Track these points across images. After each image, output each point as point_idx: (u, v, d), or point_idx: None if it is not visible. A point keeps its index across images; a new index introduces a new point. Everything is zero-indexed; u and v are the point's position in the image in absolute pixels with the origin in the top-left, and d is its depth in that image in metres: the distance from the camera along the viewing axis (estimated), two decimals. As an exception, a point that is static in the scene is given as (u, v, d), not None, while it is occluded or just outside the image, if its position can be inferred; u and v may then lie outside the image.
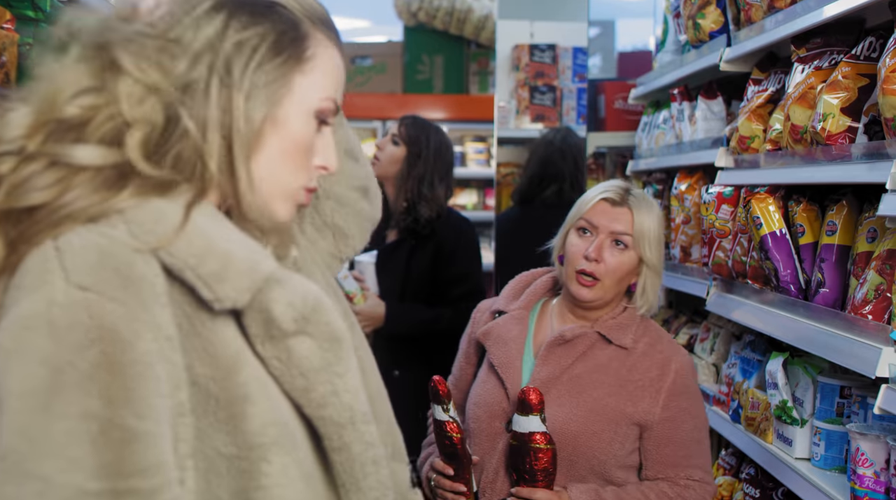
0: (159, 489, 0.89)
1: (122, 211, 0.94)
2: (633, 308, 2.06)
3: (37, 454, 0.85)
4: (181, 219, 0.95)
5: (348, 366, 1.03)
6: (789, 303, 2.25)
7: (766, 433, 2.42)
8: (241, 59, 0.99)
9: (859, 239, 2.05)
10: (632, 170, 3.93)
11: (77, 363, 0.86)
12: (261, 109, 1.00)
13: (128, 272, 0.91)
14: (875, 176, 1.82)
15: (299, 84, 1.04)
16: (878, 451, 1.91)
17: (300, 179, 1.06)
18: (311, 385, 1.00)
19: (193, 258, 0.94)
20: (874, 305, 1.91)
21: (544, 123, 4.67)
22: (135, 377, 0.88)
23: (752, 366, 2.63)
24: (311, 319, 1.00)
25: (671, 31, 3.59)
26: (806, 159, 2.17)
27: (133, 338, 0.89)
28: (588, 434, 1.92)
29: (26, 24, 1.88)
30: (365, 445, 1.03)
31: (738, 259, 2.61)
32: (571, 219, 2.07)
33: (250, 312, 0.98)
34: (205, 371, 0.95)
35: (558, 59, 4.75)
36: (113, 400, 0.87)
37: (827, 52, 2.22)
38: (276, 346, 0.99)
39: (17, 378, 0.86)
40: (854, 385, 2.16)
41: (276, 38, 1.01)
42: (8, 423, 0.86)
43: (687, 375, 2.00)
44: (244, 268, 0.97)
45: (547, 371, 1.98)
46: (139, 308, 0.90)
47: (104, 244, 0.92)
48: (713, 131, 3.02)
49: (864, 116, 2.01)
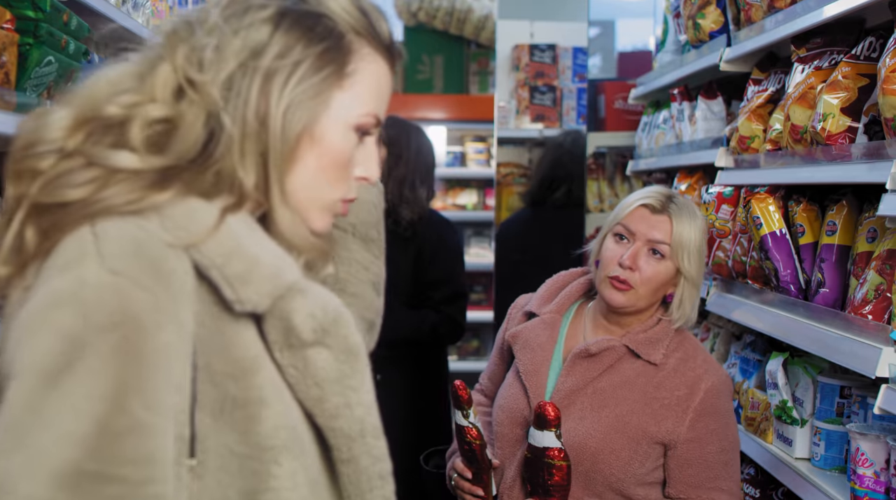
0: (148, 482, 0.88)
1: (159, 208, 0.96)
2: (667, 321, 1.97)
3: (39, 427, 0.85)
4: (215, 220, 0.97)
5: (363, 380, 1.04)
6: (789, 303, 2.25)
7: (766, 433, 2.42)
8: (282, 75, 1.00)
9: (859, 239, 2.05)
10: (632, 170, 3.93)
11: (97, 345, 0.87)
12: (297, 125, 1.00)
13: (160, 265, 0.92)
14: (875, 176, 1.82)
15: (338, 99, 1.04)
16: (878, 451, 1.91)
17: (337, 192, 1.07)
18: (325, 396, 1.01)
19: (220, 258, 0.95)
20: (874, 305, 1.91)
21: (544, 123, 4.68)
22: (150, 367, 0.89)
23: (751, 366, 2.63)
24: (330, 331, 1.01)
25: (671, 31, 3.59)
26: (806, 159, 2.17)
27: (156, 328, 0.89)
28: (607, 452, 1.86)
29: (26, 23, 1.88)
30: (373, 459, 1.04)
31: (738, 259, 2.61)
32: (610, 223, 2.00)
33: (271, 318, 0.98)
34: (224, 370, 0.96)
35: (558, 59, 4.75)
36: (125, 386, 0.87)
37: (827, 53, 2.22)
38: (293, 354, 0.99)
39: (35, 352, 0.87)
40: (854, 385, 2.16)
41: (319, 54, 1.02)
42: (16, 395, 0.86)
43: (718, 395, 1.91)
44: (268, 273, 0.97)
45: (571, 383, 1.92)
46: (167, 300, 0.91)
47: (140, 235, 0.93)
48: (713, 131, 3.02)
49: (864, 116, 2.01)
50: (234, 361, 0.96)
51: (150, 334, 0.89)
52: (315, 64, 1.01)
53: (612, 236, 1.97)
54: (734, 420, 1.96)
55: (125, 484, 0.87)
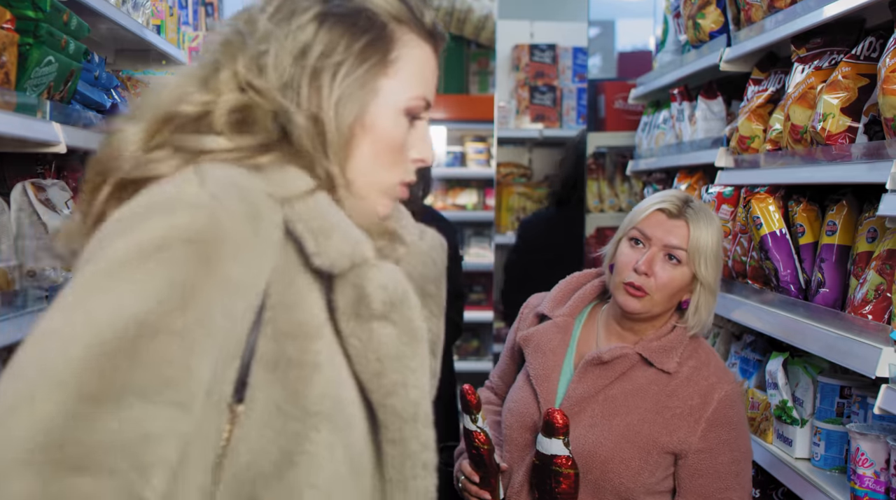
0: (175, 384, 0.88)
1: (260, 167, 1.00)
2: (682, 328, 1.93)
3: (98, 298, 0.88)
4: (310, 185, 1.02)
5: (422, 364, 1.05)
6: (789, 303, 2.25)
7: (767, 433, 2.42)
8: (329, 71, 1.03)
9: (859, 239, 2.05)
10: (632, 170, 3.93)
11: (175, 250, 0.90)
12: (349, 116, 1.04)
13: (256, 209, 0.97)
14: (875, 176, 1.82)
15: (385, 87, 1.07)
16: (878, 451, 1.91)
17: (395, 176, 1.11)
18: (384, 371, 1.02)
19: (308, 214, 1.00)
20: (874, 305, 1.91)
21: (544, 123, 4.68)
22: (217, 290, 0.92)
23: (751, 366, 2.63)
24: (397, 306, 1.03)
25: (671, 31, 3.59)
26: (806, 159, 2.17)
27: (232, 260, 0.93)
28: (617, 461, 1.84)
29: (26, 23, 1.88)
30: (421, 446, 1.04)
31: (738, 259, 2.61)
32: (625, 227, 1.95)
33: (343, 284, 1.01)
34: (287, 330, 0.98)
35: (558, 59, 4.76)
36: (187, 295, 0.89)
37: (827, 52, 2.22)
38: (360, 325, 1.02)
39: (115, 247, 0.90)
40: (854, 385, 2.16)
41: (363, 47, 1.05)
42: (83, 274, 0.90)
43: (731, 405, 1.88)
44: (350, 238, 1.02)
45: (582, 390, 1.90)
46: (252, 242, 0.95)
47: (240, 180, 0.98)
48: (713, 131, 3.02)
49: (864, 116, 2.01)
50: (298, 323, 0.99)
51: (227, 262, 0.92)
52: (360, 56, 1.05)
53: (627, 241, 1.93)
54: (746, 430, 1.93)
55: (154, 379, 0.87)
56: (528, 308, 2.11)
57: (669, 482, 1.88)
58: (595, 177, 4.68)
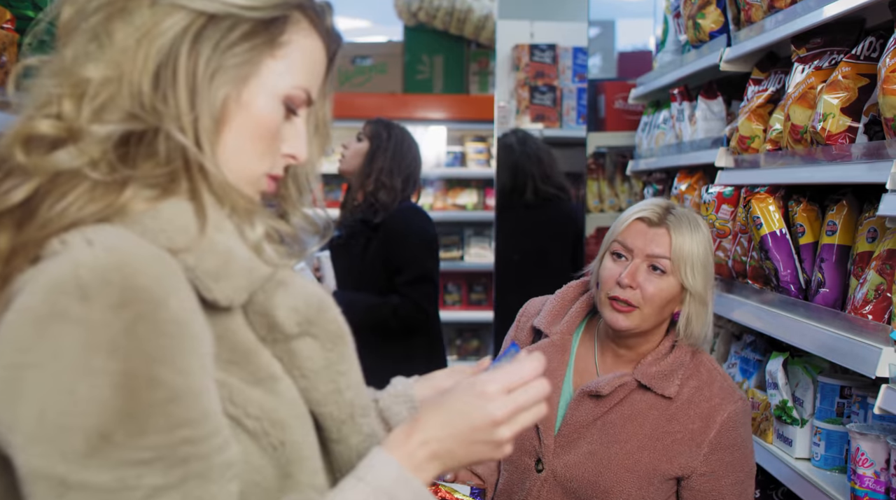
0: (212, 435, 0.88)
1: (135, 217, 0.93)
2: (682, 346, 1.86)
3: (81, 411, 0.83)
4: (193, 230, 0.94)
5: (351, 362, 1.05)
6: (789, 303, 2.25)
7: (767, 433, 2.42)
8: (211, 41, 0.97)
9: (859, 239, 2.05)
10: (632, 170, 3.93)
11: (113, 323, 0.84)
12: (223, 89, 0.98)
13: (154, 249, 0.90)
14: (875, 176, 1.81)
15: (269, 67, 1.01)
16: (878, 451, 1.90)
17: (264, 165, 1.04)
18: (312, 386, 1.02)
19: (194, 260, 0.93)
20: (874, 305, 1.91)
21: (544, 123, 4.67)
22: (172, 335, 0.87)
23: (752, 366, 2.63)
24: (314, 320, 1.01)
25: (671, 31, 3.59)
26: (806, 159, 2.17)
27: (165, 296, 0.87)
28: (617, 492, 1.79)
29: (26, 23, 1.88)
30: (363, 436, 1.06)
31: (739, 259, 2.61)
32: (607, 241, 1.89)
33: (253, 314, 0.99)
34: (229, 358, 0.95)
35: (558, 59, 4.75)
36: (152, 358, 0.85)
37: (827, 52, 2.22)
38: (279, 346, 1.00)
39: (53, 340, 0.84)
40: (854, 385, 2.16)
41: (253, 21, 0.99)
42: (47, 384, 0.84)
43: (735, 426, 1.82)
44: (243, 267, 0.97)
45: (580, 416, 1.84)
46: (168, 272, 0.89)
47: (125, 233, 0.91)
48: (713, 131, 3.02)
49: (865, 116, 2.01)
50: (234, 345, 0.96)
51: (162, 302, 0.87)
52: (248, 31, 0.99)
53: (609, 256, 1.86)
54: (751, 448, 1.86)
55: (191, 443, 0.87)
56: (524, 316, 2.05)
57: None
58: (595, 177, 4.68)
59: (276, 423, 0.97)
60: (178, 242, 0.93)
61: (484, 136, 6.04)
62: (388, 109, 5.58)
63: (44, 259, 0.89)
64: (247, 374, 0.96)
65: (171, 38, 0.95)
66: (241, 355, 0.97)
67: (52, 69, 0.97)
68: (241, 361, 0.96)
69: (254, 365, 0.97)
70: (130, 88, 0.94)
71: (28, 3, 1.90)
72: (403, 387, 1.27)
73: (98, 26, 0.96)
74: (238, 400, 0.95)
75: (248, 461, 0.95)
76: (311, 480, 0.99)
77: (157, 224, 0.93)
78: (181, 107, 0.95)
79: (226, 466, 0.89)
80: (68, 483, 0.83)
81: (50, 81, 0.96)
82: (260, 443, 0.96)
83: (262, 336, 0.99)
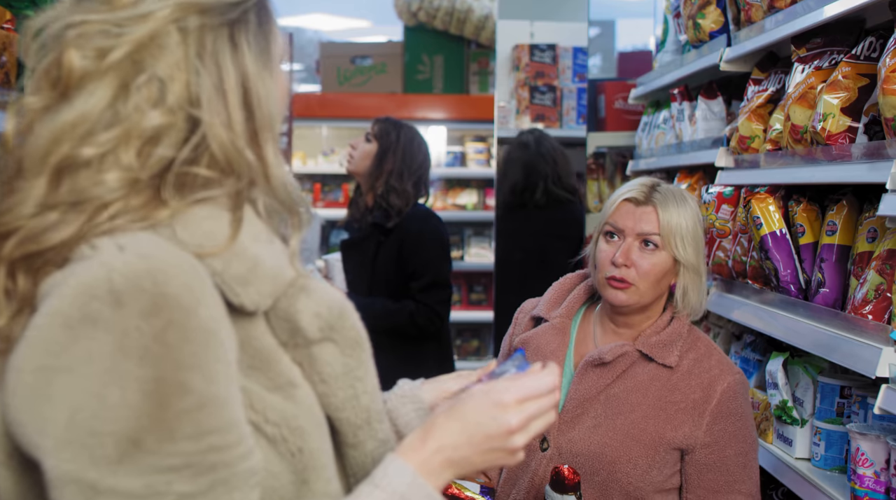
0: (237, 443, 0.89)
1: (164, 221, 0.93)
2: (679, 318, 1.92)
3: (112, 417, 0.83)
4: (224, 235, 0.94)
5: (368, 368, 1.06)
6: (789, 303, 2.25)
7: (767, 434, 2.42)
8: (246, 37, 0.98)
9: (859, 239, 2.05)
10: (632, 170, 3.93)
11: (144, 330, 0.84)
12: (270, 80, 0.99)
13: (184, 256, 0.91)
14: (875, 176, 1.82)
15: (276, 44, 1.03)
16: (878, 451, 1.90)
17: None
18: (330, 391, 1.02)
19: (222, 265, 0.93)
20: (874, 305, 1.91)
21: (544, 123, 4.67)
22: (201, 343, 0.87)
23: (752, 366, 2.63)
24: (336, 326, 1.02)
25: (671, 31, 3.59)
26: (806, 159, 2.17)
27: (195, 305, 0.87)
28: (624, 461, 1.82)
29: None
30: (378, 442, 1.07)
31: (739, 259, 2.61)
32: (598, 224, 1.96)
33: (276, 319, 0.99)
34: (250, 363, 0.96)
35: (558, 59, 4.75)
36: (182, 365, 0.86)
37: (827, 52, 2.22)
38: (300, 351, 1.01)
39: (85, 344, 0.84)
40: (854, 385, 2.16)
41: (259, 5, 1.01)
42: (78, 388, 0.84)
43: (734, 397, 1.86)
44: (269, 273, 0.97)
45: (583, 390, 1.88)
46: (198, 281, 0.89)
47: (156, 239, 0.91)
48: (713, 131, 3.02)
49: (865, 116, 2.01)
50: (255, 352, 0.97)
51: (192, 310, 0.87)
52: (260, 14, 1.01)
53: (602, 237, 1.93)
54: (752, 420, 1.91)
55: (218, 451, 0.87)
56: (522, 313, 2.10)
57: (677, 479, 1.87)
58: (595, 177, 4.68)
59: (294, 430, 0.97)
60: (207, 247, 0.93)
61: (484, 136, 6.04)
62: (388, 109, 5.58)
63: (73, 263, 0.89)
64: (267, 380, 0.97)
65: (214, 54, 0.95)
66: (261, 360, 0.97)
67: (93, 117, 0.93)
68: (261, 367, 0.97)
69: (274, 371, 0.97)
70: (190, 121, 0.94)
71: (28, 3, 1.90)
72: (411, 388, 1.28)
73: (129, 67, 0.93)
74: (258, 406, 0.95)
75: (266, 468, 0.95)
76: (325, 488, 1.00)
77: (186, 230, 0.93)
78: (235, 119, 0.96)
79: (250, 473, 0.90)
80: (98, 489, 0.83)
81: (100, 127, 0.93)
82: (278, 449, 0.96)
83: (284, 341, 1.00)
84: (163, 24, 0.94)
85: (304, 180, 6.25)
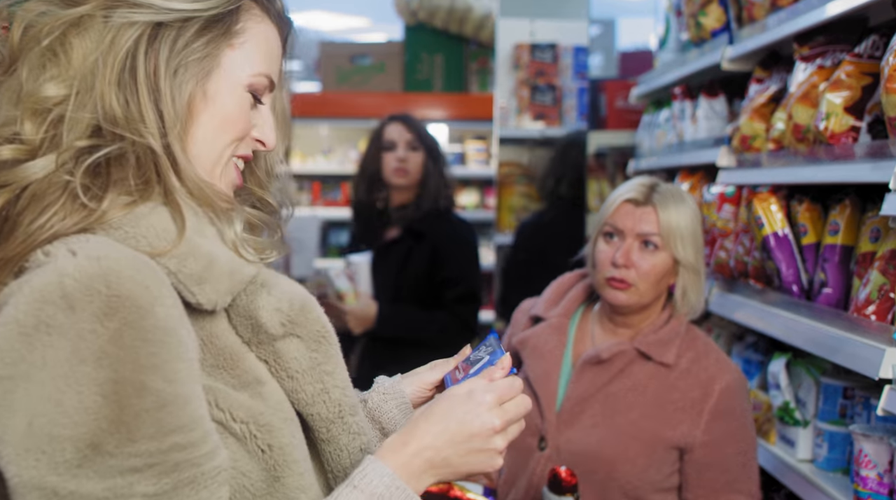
0: (202, 441, 0.89)
1: (114, 224, 0.93)
2: (678, 317, 1.92)
3: (70, 421, 0.84)
4: (176, 230, 0.95)
5: (336, 362, 1.07)
6: (792, 303, 2.24)
7: (769, 435, 2.41)
8: (168, 43, 0.97)
9: (862, 239, 2.04)
10: (633, 169, 3.91)
11: (100, 332, 0.85)
12: (187, 86, 0.98)
13: (139, 256, 0.91)
14: (878, 175, 1.81)
15: (229, 58, 1.02)
16: (881, 452, 1.89)
17: (232, 150, 1.05)
18: (298, 387, 1.03)
19: (177, 264, 0.94)
20: (877, 305, 1.90)
21: (545, 123, 4.67)
22: (159, 342, 0.87)
23: (753, 367, 2.62)
24: (298, 321, 1.02)
25: (673, 30, 3.58)
26: (808, 159, 2.16)
27: (151, 304, 0.88)
28: (623, 460, 1.82)
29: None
30: (352, 435, 1.07)
31: (740, 259, 2.60)
32: (597, 224, 1.96)
33: (237, 317, 1.00)
34: (214, 362, 0.97)
35: (559, 57, 4.74)
36: (140, 366, 0.86)
37: (830, 51, 2.21)
38: (264, 348, 1.01)
39: (40, 351, 0.84)
40: (857, 386, 2.15)
41: (208, 14, 1.00)
42: (35, 395, 0.84)
43: (733, 395, 1.87)
44: (225, 270, 0.97)
45: (581, 389, 1.88)
46: (154, 280, 0.89)
47: (108, 241, 0.91)
48: (715, 130, 3.01)
49: (868, 115, 2.00)
50: (219, 351, 0.97)
51: (148, 310, 0.87)
52: (203, 24, 1.00)
53: (602, 237, 1.93)
54: (751, 419, 1.91)
55: (181, 449, 0.87)
56: (520, 312, 2.10)
57: (676, 479, 1.86)
58: (596, 176, 4.66)
59: (262, 427, 0.97)
60: (158, 246, 0.93)
61: (484, 135, 6.03)
62: (388, 108, 5.56)
63: (28, 271, 0.89)
64: (232, 378, 0.97)
65: (129, 47, 0.95)
66: (226, 359, 0.97)
67: (8, 90, 0.95)
68: (226, 365, 0.97)
69: (239, 369, 0.98)
70: (93, 101, 0.94)
71: (25, 1, 1.89)
72: (391, 385, 1.28)
73: (54, 45, 0.95)
74: (224, 404, 0.95)
75: (235, 466, 0.95)
76: (298, 482, 1.00)
77: (136, 230, 0.93)
78: (145, 111, 0.96)
79: (216, 471, 0.90)
80: (60, 494, 0.83)
81: (7, 103, 0.95)
82: (247, 447, 0.96)
83: (247, 338, 1.00)
84: (91, 10, 0.96)
85: (304, 180, 6.25)
